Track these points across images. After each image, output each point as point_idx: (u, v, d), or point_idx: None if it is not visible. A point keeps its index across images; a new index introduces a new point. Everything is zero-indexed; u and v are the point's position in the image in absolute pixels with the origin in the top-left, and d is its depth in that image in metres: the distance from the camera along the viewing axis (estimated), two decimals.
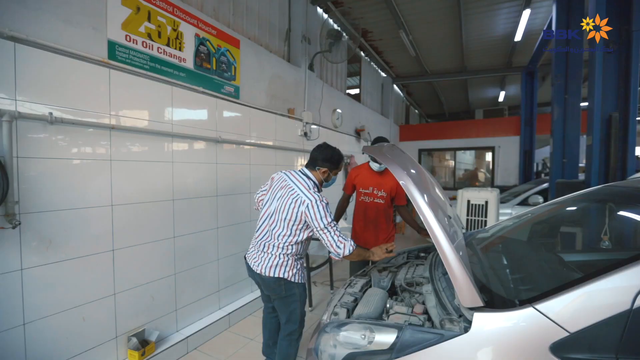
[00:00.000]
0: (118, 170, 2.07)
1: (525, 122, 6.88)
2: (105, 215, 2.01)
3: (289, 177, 1.82)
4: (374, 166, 2.51)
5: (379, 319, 1.43)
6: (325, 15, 5.21)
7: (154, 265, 2.32)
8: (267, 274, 1.74)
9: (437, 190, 1.71)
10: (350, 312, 1.51)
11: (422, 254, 2.33)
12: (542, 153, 7.62)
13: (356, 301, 1.63)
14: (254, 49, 3.39)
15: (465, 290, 1.02)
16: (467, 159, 11.29)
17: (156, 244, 2.33)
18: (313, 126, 4.45)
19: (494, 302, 1.05)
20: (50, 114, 1.72)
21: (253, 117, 3.30)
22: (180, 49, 2.50)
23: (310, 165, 1.87)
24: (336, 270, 4.32)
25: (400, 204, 2.60)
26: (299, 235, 1.74)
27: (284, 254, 1.74)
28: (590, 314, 0.89)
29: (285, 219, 1.72)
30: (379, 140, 2.50)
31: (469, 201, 3.27)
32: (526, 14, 4.61)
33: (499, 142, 7.68)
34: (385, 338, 1.12)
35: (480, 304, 1.00)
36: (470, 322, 1.03)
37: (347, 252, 1.65)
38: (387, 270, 2.01)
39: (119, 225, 2.08)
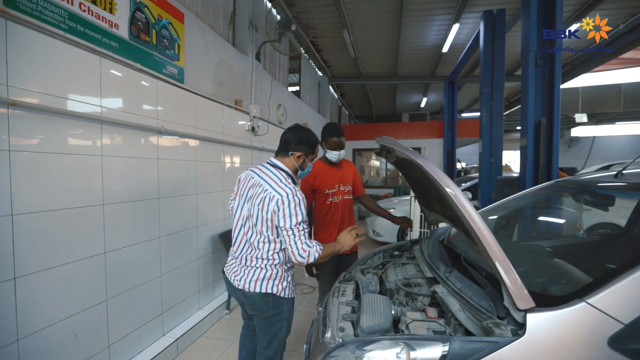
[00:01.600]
0: (22, 166, 1.48)
1: (448, 126, 7.73)
2: (2, 230, 1.41)
3: (256, 174, 1.52)
4: (333, 157, 2.18)
5: (393, 330, 1.28)
6: (270, 4, 4.91)
7: (78, 293, 1.75)
8: (252, 290, 1.43)
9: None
10: (355, 326, 1.34)
11: (397, 253, 2.29)
12: (458, 154, 8.67)
13: (354, 311, 1.46)
14: (199, 27, 2.92)
15: (519, 291, 0.94)
16: (382, 159, 12.20)
17: (80, 263, 1.76)
18: (261, 121, 4.11)
19: (537, 300, 1.00)
20: None
21: (199, 106, 2.84)
22: (111, 11, 1.95)
23: (282, 151, 1.56)
24: None
25: (361, 193, 2.41)
26: (280, 242, 1.46)
27: (271, 265, 1.46)
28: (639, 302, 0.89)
29: (257, 224, 1.44)
30: (332, 127, 2.20)
31: None
32: (455, 27, 5.11)
33: (424, 144, 8.45)
34: (430, 353, 0.98)
35: (533, 304, 0.94)
36: (519, 325, 0.96)
37: (312, 260, 1.40)
38: (369, 272, 1.89)
39: (24, 241, 1.49)
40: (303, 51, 6.99)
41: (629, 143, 12.59)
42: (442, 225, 2.22)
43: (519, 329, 0.96)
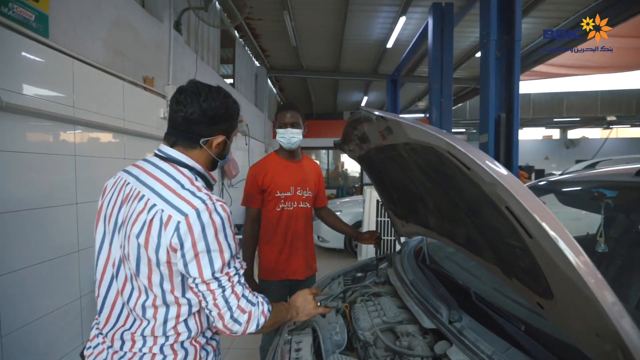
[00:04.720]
0: None
1: None
2: None
3: (133, 177, 0.83)
4: (282, 138, 1.65)
5: None
6: None
7: None
8: None
9: None
10: None
11: (359, 274, 1.79)
12: None
13: None
14: None
15: None
16: (323, 157, 12.05)
17: None
18: None
19: None
20: None
21: (81, 76, 1.96)
22: None
23: (183, 138, 0.84)
24: None
25: (322, 205, 1.90)
26: (188, 304, 0.79)
27: (172, 346, 0.78)
28: None
29: (138, 273, 0.76)
30: (290, 105, 1.67)
31: (378, 201, 3.03)
32: (402, 21, 4.90)
33: None
34: None
35: None
36: None
37: (253, 328, 0.80)
38: (329, 308, 1.35)
39: None
40: (238, 36, 6.18)
41: (534, 146, 14.52)
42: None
43: None
